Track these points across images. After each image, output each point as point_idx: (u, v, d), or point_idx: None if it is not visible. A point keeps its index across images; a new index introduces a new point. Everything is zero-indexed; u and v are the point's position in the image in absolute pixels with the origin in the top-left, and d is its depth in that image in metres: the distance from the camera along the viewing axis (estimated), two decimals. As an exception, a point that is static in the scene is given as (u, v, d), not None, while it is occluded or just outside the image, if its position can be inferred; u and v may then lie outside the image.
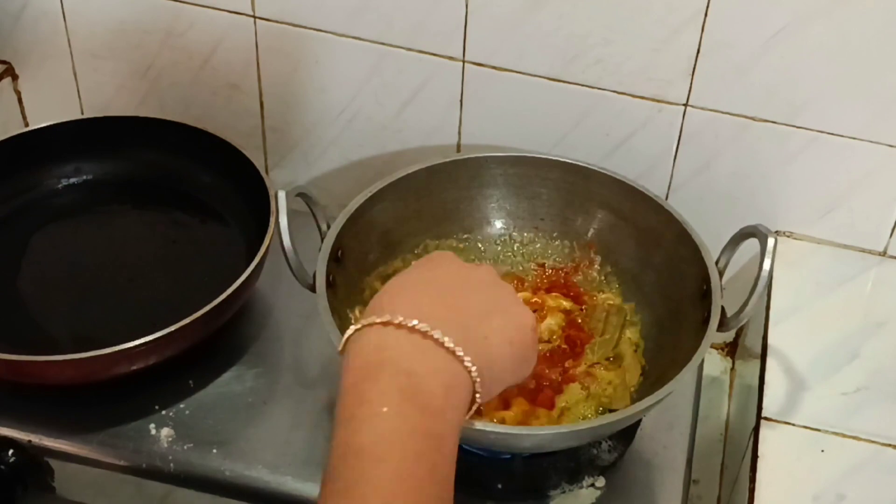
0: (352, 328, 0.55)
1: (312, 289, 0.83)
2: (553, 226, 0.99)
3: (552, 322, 0.91)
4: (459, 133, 1.05)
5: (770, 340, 0.92)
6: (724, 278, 0.86)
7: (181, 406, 0.89)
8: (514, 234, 0.99)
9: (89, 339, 0.84)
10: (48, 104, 1.18)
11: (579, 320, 0.92)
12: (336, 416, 0.53)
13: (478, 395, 0.56)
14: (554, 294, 0.94)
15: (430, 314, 0.55)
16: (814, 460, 0.83)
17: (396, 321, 0.53)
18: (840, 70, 0.91)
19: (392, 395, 0.51)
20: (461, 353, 0.54)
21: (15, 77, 1.17)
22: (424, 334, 0.53)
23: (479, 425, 0.75)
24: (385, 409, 0.51)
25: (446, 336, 0.54)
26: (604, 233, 0.97)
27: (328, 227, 0.88)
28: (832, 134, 0.95)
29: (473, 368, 0.55)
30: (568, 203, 0.98)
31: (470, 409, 0.56)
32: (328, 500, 0.52)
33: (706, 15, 0.91)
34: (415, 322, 0.53)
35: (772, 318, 0.94)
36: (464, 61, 1.00)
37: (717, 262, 0.86)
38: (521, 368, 0.61)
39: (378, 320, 0.54)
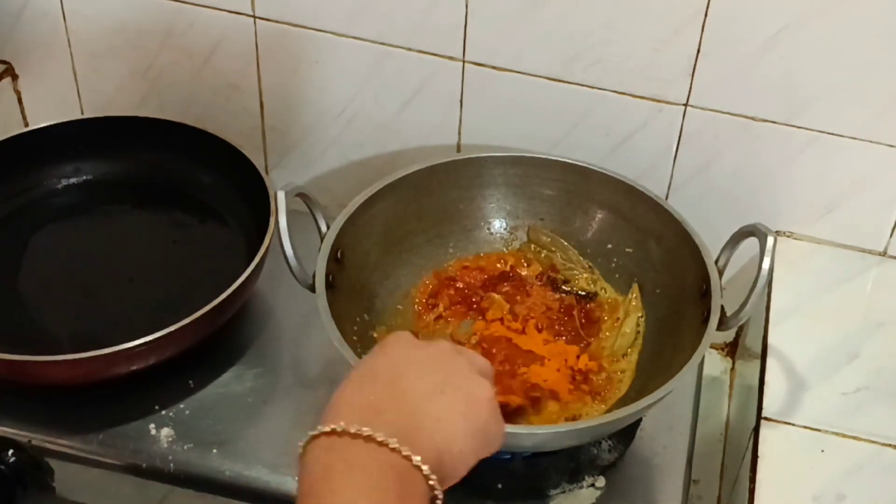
0: (303, 439, 0.57)
1: (312, 289, 0.83)
2: (553, 226, 0.99)
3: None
4: (459, 133, 1.05)
5: (770, 340, 0.92)
6: (724, 278, 0.86)
7: (181, 406, 0.89)
8: (514, 234, 0.99)
9: (89, 339, 0.84)
10: (48, 104, 1.18)
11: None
12: None
13: (432, 482, 0.56)
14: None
15: (375, 412, 0.56)
16: (814, 460, 0.83)
17: (340, 429, 0.55)
18: (840, 70, 0.91)
19: (346, 493, 0.53)
20: (407, 452, 0.55)
21: (15, 77, 1.17)
22: (368, 438, 0.55)
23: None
24: None
25: (391, 437, 0.55)
26: (604, 233, 0.97)
27: (328, 227, 0.88)
28: (832, 134, 0.95)
29: (422, 464, 0.55)
30: (568, 203, 0.98)
31: (432, 494, 0.57)
32: None
33: (706, 15, 0.91)
34: (357, 427, 0.55)
35: (772, 318, 0.94)
36: (464, 61, 1.00)
37: (716, 262, 0.86)
38: (484, 442, 0.61)
39: (325, 429, 0.56)
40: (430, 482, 0.56)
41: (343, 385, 0.60)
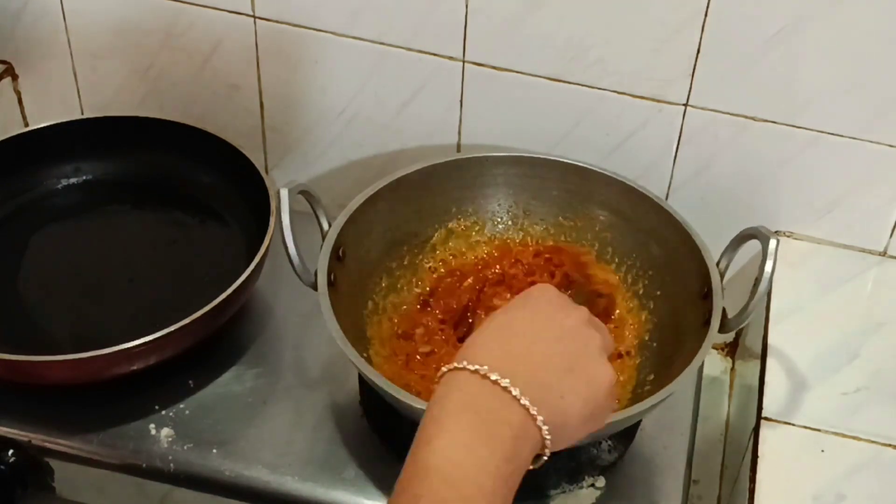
0: (445, 368, 0.60)
1: (314, 287, 0.83)
2: (553, 226, 0.99)
3: None
4: (459, 133, 1.05)
5: (770, 340, 0.92)
6: (724, 279, 0.86)
7: (181, 406, 0.89)
8: (514, 234, 0.99)
9: (89, 339, 0.84)
10: (48, 104, 1.18)
11: None
12: (416, 438, 0.58)
13: (546, 450, 0.60)
14: None
15: (513, 369, 0.59)
16: (814, 460, 0.83)
17: (482, 372, 0.58)
18: (840, 70, 0.91)
19: (469, 433, 0.57)
20: (535, 412, 0.58)
21: (15, 77, 1.17)
22: (504, 389, 0.58)
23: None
24: (461, 443, 0.56)
25: (524, 396, 0.58)
26: (604, 233, 0.97)
27: (329, 225, 0.88)
28: (832, 134, 0.95)
29: (545, 428, 0.59)
30: (568, 203, 0.98)
31: (537, 460, 0.61)
32: (395, 499, 0.56)
33: (706, 15, 0.91)
34: (497, 377, 0.58)
35: (772, 318, 0.94)
36: (464, 61, 1.00)
37: (717, 264, 0.86)
38: (592, 424, 0.64)
39: (470, 368, 0.59)
40: (546, 445, 0.59)
41: (486, 328, 0.63)
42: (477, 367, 0.59)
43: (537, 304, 0.65)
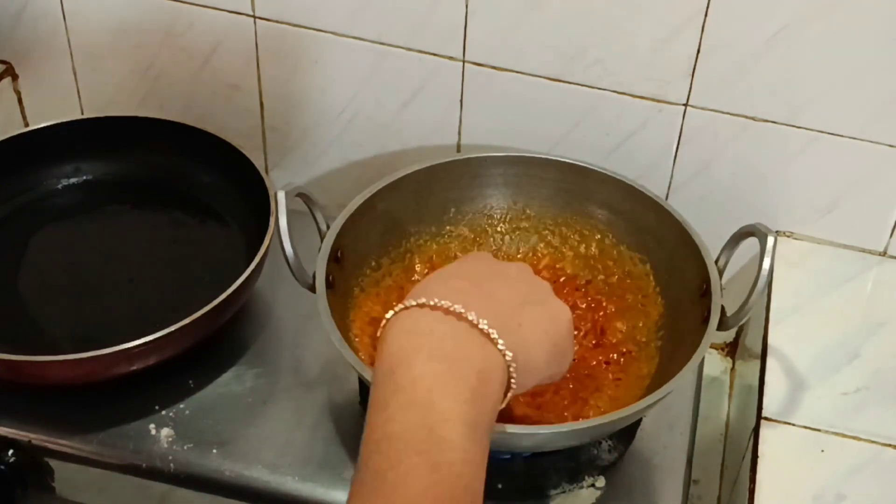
0: (390, 313, 0.56)
1: (312, 289, 0.83)
2: (553, 226, 0.99)
3: None
4: (459, 133, 1.05)
5: (770, 340, 0.92)
6: (724, 278, 0.86)
7: (181, 406, 0.89)
8: (514, 233, 0.99)
9: (89, 339, 0.84)
10: (48, 104, 1.18)
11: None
12: (370, 400, 0.53)
13: (512, 382, 0.56)
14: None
15: (465, 299, 0.55)
16: (814, 460, 0.83)
17: (431, 303, 0.54)
18: (840, 70, 0.91)
19: (425, 382, 0.52)
20: (495, 336, 0.54)
21: (15, 77, 1.17)
22: (459, 316, 0.54)
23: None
24: (418, 399, 0.51)
25: (481, 318, 0.54)
26: (604, 233, 0.97)
27: (328, 227, 0.88)
28: (832, 134, 0.95)
29: (508, 354, 0.55)
30: (568, 203, 0.98)
31: (504, 397, 0.56)
32: (358, 485, 0.52)
33: (706, 15, 0.91)
34: (448, 303, 0.54)
35: (772, 318, 0.94)
36: (464, 61, 1.00)
37: (716, 262, 0.86)
38: (557, 361, 0.61)
39: (414, 303, 0.54)
40: (511, 375, 0.55)
41: (426, 280, 0.59)
42: (424, 299, 0.54)
43: (477, 259, 0.64)
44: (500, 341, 0.54)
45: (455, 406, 0.52)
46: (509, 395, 0.57)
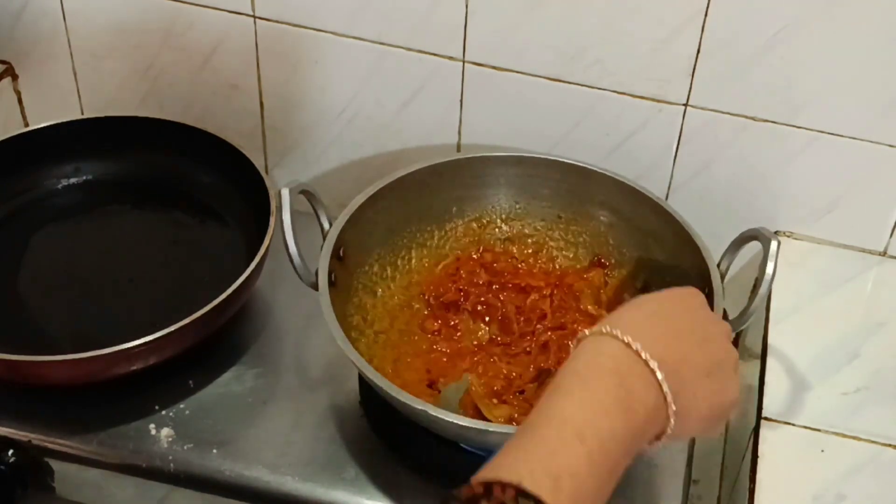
0: (594, 329, 0.61)
1: (315, 287, 0.83)
2: (553, 226, 0.99)
3: None
4: (459, 133, 1.05)
5: (770, 340, 0.92)
6: (724, 279, 0.86)
7: (181, 406, 0.89)
8: (514, 233, 0.99)
9: (89, 339, 0.84)
10: (48, 104, 1.18)
11: None
12: (554, 385, 0.58)
13: (665, 437, 0.61)
14: None
15: (660, 354, 0.59)
16: (814, 460, 0.83)
17: (634, 347, 0.59)
18: (840, 70, 0.91)
19: (609, 394, 0.57)
20: (670, 400, 0.59)
21: (15, 77, 1.17)
22: (651, 370, 0.59)
23: (479, 425, 0.75)
24: (600, 406, 0.57)
25: (666, 382, 0.59)
26: (604, 233, 0.97)
27: (330, 224, 0.88)
28: (832, 134, 0.95)
29: (672, 422, 0.60)
30: (568, 203, 0.98)
31: (652, 441, 0.61)
32: (517, 438, 0.56)
33: (706, 15, 0.91)
34: (647, 356, 0.59)
35: (772, 318, 0.94)
36: (464, 61, 1.00)
37: (718, 265, 0.86)
38: (703, 431, 0.65)
39: (622, 338, 0.59)
40: (665, 435, 0.60)
41: (637, 307, 0.63)
42: (629, 338, 0.59)
43: (688, 302, 0.66)
44: (673, 407, 0.59)
45: (622, 428, 0.57)
46: (658, 442, 0.62)
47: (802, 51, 0.90)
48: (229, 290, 0.87)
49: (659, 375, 0.58)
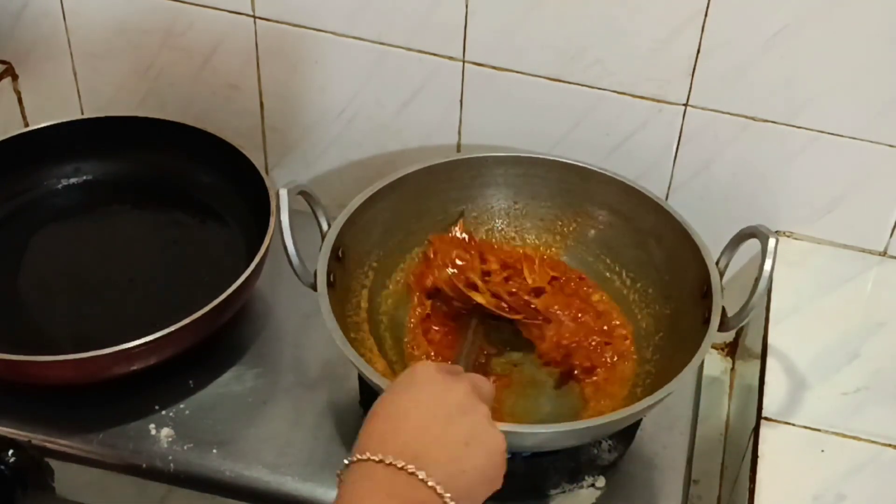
0: (346, 460, 0.62)
1: (314, 287, 0.83)
2: (553, 226, 0.99)
3: None
4: (459, 133, 1.05)
5: (770, 340, 0.92)
6: (724, 278, 0.86)
7: (181, 406, 0.89)
8: (514, 234, 0.99)
9: (89, 339, 0.84)
10: (48, 104, 1.18)
11: None
12: None
13: None
14: None
15: (415, 453, 0.61)
16: (814, 460, 0.83)
17: (387, 461, 0.60)
18: (840, 70, 0.91)
19: None
20: (442, 491, 0.60)
21: (15, 77, 1.17)
22: (411, 474, 0.60)
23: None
24: None
25: (431, 478, 0.60)
26: (604, 233, 0.97)
27: (329, 225, 0.88)
28: (832, 134, 0.95)
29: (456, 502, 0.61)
30: (568, 203, 0.98)
31: None
32: None
33: (706, 15, 0.91)
34: (402, 463, 0.60)
35: (772, 318, 0.94)
36: (464, 61, 1.00)
37: (717, 263, 0.86)
38: (490, 488, 0.66)
39: (374, 458, 0.60)
40: None
41: (378, 416, 0.64)
42: (381, 456, 0.60)
43: (422, 386, 0.66)
44: (447, 494, 0.60)
45: None
46: None
47: (802, 51, 0.90)
48: (229, 291, 0.87)
49: (420, 475, 0.60)
